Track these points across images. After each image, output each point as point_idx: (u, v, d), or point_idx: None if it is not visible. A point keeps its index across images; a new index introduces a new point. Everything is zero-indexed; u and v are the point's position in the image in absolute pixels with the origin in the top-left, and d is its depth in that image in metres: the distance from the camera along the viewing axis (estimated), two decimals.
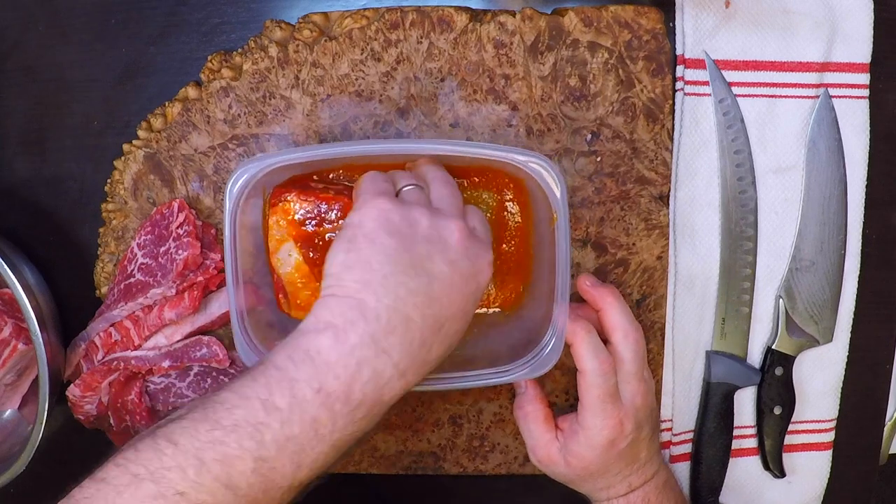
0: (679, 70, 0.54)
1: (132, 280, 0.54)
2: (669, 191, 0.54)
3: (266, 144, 0.53)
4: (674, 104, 0.54)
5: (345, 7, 0.54)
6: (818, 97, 0.55)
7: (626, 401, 0.50)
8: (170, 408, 0.56)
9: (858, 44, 0.54)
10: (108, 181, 0.55)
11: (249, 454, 0.36)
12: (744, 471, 0.60)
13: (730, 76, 0.54)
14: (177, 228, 0.52)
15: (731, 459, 0.59)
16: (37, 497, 0.40)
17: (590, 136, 0.53)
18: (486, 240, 0.45)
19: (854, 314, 0.58)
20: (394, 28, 0.51)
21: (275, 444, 0.37)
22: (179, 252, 0.52)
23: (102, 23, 0.54)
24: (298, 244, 0.49)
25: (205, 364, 0.54)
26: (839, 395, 0.60)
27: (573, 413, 0.52)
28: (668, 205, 0.55)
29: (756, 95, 0.54)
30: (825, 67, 0.54)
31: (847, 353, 0.59)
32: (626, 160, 0.54)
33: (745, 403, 0.59)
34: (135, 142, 0.54)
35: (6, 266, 0.52)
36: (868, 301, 0.59)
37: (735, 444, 0.59)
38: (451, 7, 0.51)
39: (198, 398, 0.40)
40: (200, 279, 0.53)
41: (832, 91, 0.55)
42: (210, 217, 0.55)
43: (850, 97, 0.55)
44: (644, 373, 0.52)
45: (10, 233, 0.56)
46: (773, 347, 0.57)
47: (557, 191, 0.47)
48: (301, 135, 0.53)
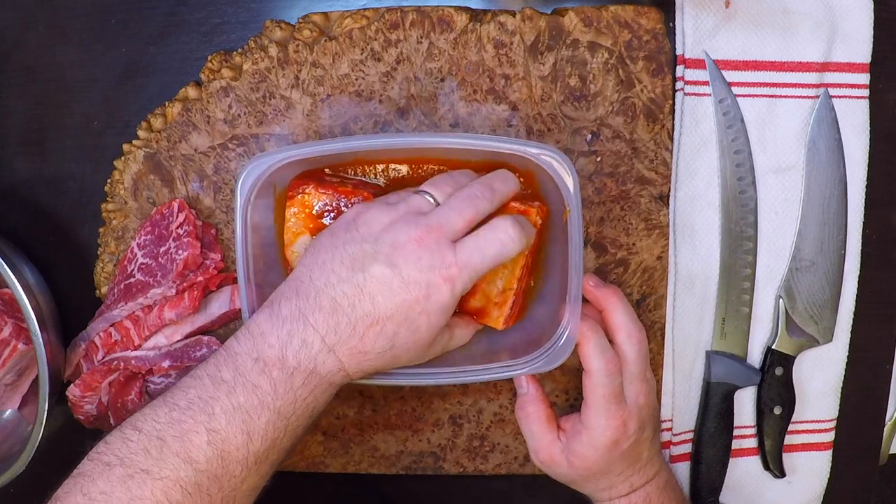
0: (679, 70, 0.54)
1: (132, 280, 0.54)
2: (669, 191, 0.54)
3: (266, 144, 0.53)
4: (674, 104, 0.54)
5: (345, 7, 0.54)
6: (818, 97, 0.55)
7: (630, 401, 0.50)
8: None
9: (858, 44, 0.54)
10: (108, 181, 0.55)
11: (202, 426, 0.40)
12: (744, 471, 0.60)
13: (730, 76, 0.54)
14: (177, 228, 0.52)
15: (731, 459, 0.59)
16: (37, 497, 0.41)
17: (590, 136, 0.53)
18: (471, 257, 0.42)
19: (854, 314, 0.58)
20: (394, 28, 0.51)
21: (224, 415, 0.40)
22: (179, 252, 0.52)
23: (102, 23, 0.54)
24: (315, 237, 0.49)
25: None
26: (839, 395, 0.60)
27: (576, 413, 0.52)
28: (668, 205, 0.55)
29: (756, 95, 0.54)
30: (825, 67, 0.54)
31: (847, 353, 0.59)
32: (626, 160, 0.54)
33: (745, 403, 0.59)
34: (135, 142, 0.54)
35: (6, 266, 0.52)
36: (868, 301, 0.59)
37: (735, 444, 0.59)
38: (451, 7, 0.51)
39: (127, 403, 0.43)
40: (200, 279, 0.53)
41: (832, 91, 0.55)
42: (210, 217, 0.55)
43: (850, 97, 0.55)
44: (647, 373, 0.52)
45: (10, 233, 0.56)
46: (773, 347, 0.57)
47: (570, 183, 0.47)
48: (301, 135, 0.53)
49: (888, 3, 0.55)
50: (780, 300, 0.57)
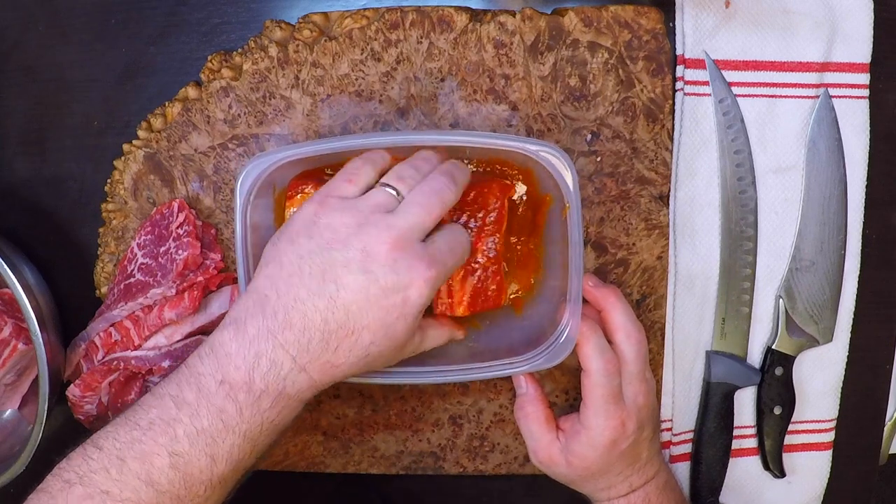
0: (679, 70, 0.54)
1: (132, 280, 0.54)
2: (669, 191, 0.54)
3: (266, 144, 0.53)
4: (674, 104, 0.54)
5: (345, 7, 0.54)
6: (818, 97, 0.55)
7: (629, 401, 0.50)
8: None
9: (858, 44, 0.54)
10: (108, 181, 0.55)
11: (164, 449, 0.39)
12: (744, 471, 0.60)
13: (730, 76, 0.54)
14: (177, 228, 0.52)
15: (731, 459, 0.59)
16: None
17: (590, 136, 0.53)
18: (443, 256, 0.42)
19: (854, 314, 0.58)
20: (394, 28, 0.51)
21: (187, 438, 0.39)
22: (179, 252, 0.52)
23: (102, 23, 0.54)
24: (271, 241, 0.49)
25: None
26: (839, 395, 0.60)
27: (574, 413, 0.52)
28: (668, 205, 0.55)
29: (756, 95, 0.54)
30: (825, 67, 0.54)
31: (847, 353, 0.59)
32: (626, 160, 0.54)
33: (745, 403, 0.59)
34: (135, 142, 0.54)
35: (6, 266, 0.52)
36: (868, 301, 0.59)
37: (735, 444, 0.59)
38: (451, 7, 0.51)
39: (127, 405, 0.42)
40: (200, 279, 0.53)
41: (832, 91, 0.55)
42: (210, 217, 0.55)
43: (850, 97, 0.55)
44: (646, 373, 0.52)
45: (10, 233, 0.56)
46: (773, 347, 0.57)
47: (569, 180, 0.47)
48: (301, 135, 0.53)
49: (888, 3, 0.55)
50: (780, 300, 0.57)
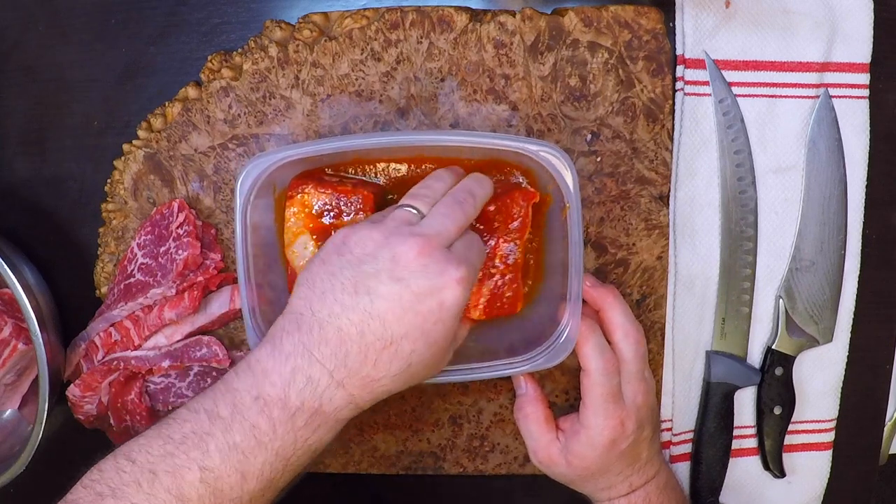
0: (679, 70, 0.54)
1: (132, 280, 0.54)
2: (669, 191, 0.54)
3: (266, 144, 0.53)
4: (674, 104, 0.54)
5: (345, 7, 0.54)
6: (818, 97, 0.55)
7: (628, 400, 0.50)
8: (169, 407, 0.56)
9: (858, 44, 0.54)
10: (108, 181, 0.55)
11: (195, 464, 0.38)
12: (744, 471, 0.60)
13: (730, 76, 0.54)
14: (177, 228, 0.52)
15: (731, 459, 0.59)
16: (37, 497, 0.41)
17: (590, 136, 0.53)
18: (470, 258, 0.43)
19: (854, 314, 0.58)
20: (394, 28, 0.51)
21: (218, 453, 0.39)
22: (179, 252, 0.52)
23: (102, 23, 0.54)
24: (314, 237, 0.49)
25: (205, 364, 0.54)
26: (839, 395, 0.60)
27: (574, 413, 0.52)
28: (668, 205, 0.55)
29: (756, 95, 0.54)
30: (825, 67, 0.54)
31: (847, 353, 0.59)
32: (626, 160, 0.54)
33: (745, 403, 0.59)
34: (135, 142, 0.54)
35: (6, 266, 0.52)
36: (868, 301, 0.59)
37: (735, 444, 0.59)
38: (451, 7, 0.51)
39: (160, 420, 0.42)
40: (200, 279, 0.53)
41: (832, 91, 0.55)
42: (210, 217, 0.55)
43: (850, 97, 0.55)
44: (645, 372, 0.52)
45: (10, 233, 0.56)
46: (773, 347, 0.57)
47: (569, 180, 0.47)
48: (301, 135, 0.53)
49: (888, 3, 0.55)
50: (780, 300, 0.57)
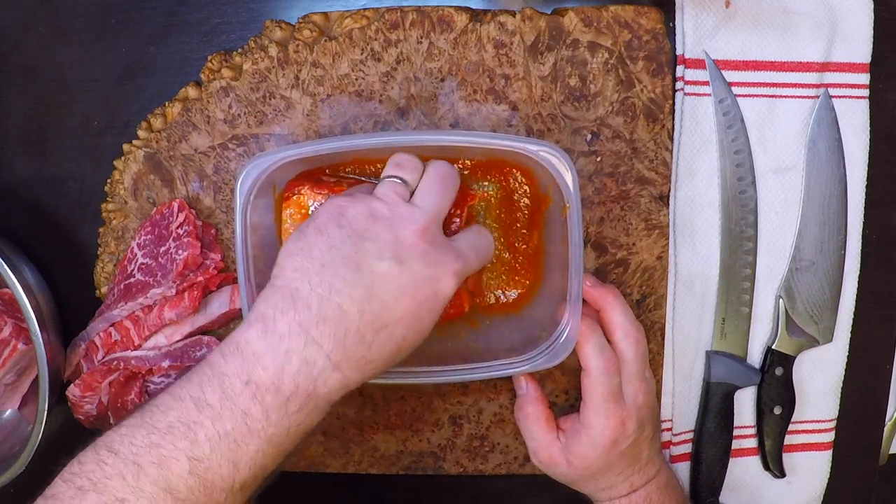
0: (679, 70, 0.54)
1: (132, 280, 0.54)
2: (669, 191, 0.54)
3: (266, 144, 0.53)
4: (674, 104, 0.54)
5: (345, 7, 0.54)
6: (818, 97, 0.55)
7: (629, 400, 0.50)
8: None
9: (858, 44, 0.54)
10: (108, 181, 0.55)
11: (184, 454, 0.36)
12: (744, 471, 0.60)
13: (730, 76, 0.54)
14: (177, 228, 0.52)
15: (731, 459, 0.59)
16: (36, 497, 0.40)
17: (590, 136, 0.53)
18: (468, 253, 0.43)
19: (854, 314, 0.58)
20: (394, 28, 0.51)
21: (208, 443, 0.37)
22: (179, 252, 0.52)
23: (102, 23, 0.54)
24: (295, 234, 0.49)
25: None
26: (839, 395, 0.60)
27: (575, 413, 0.52)
28: (668, 205, 0.55)
29: (756, 95, 0.54)
30: (825, 67, 0.54)
31: (847, 353, 0.59)
32: (626, 160, 0.54)
33: (745, 403, 0.59)
34: (135, 142, 0.54)
35: (6, 266, 0.52)
36: (868, 301, 0.59)
37: (735, 444, 0.59)
38: (451, 7, 0.51)
39: (140, 405, 0.40)
40: (200, 279, 0.53)
41: (832, 91, 0.55)
42: (210, 217, 0.55)
43: (850, 97, 0.55)
44: (645, 372, 0.52)
45: (10, 233, 0.56)
46: (773, 347, 0.57)
47: (569, 180, 0.47)
48: (301, 135, 0.53)
49: (888, 3, 0.55)
50: (780, 300, 0.57)
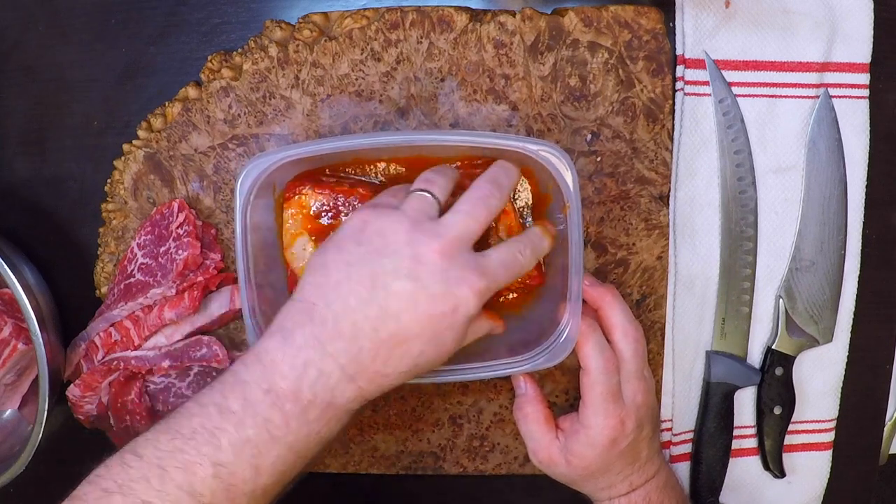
0: (679, 70, 0.54)
1: (132, 280, 0.54)
2: (669, 191, 0.54)
3: (266, 144, 0.53)
4: (674, 104, 0.54)
5: (345, 7, 0.54)
6: (818, 97, 0.55)
7: (628, 399, 0.50)
8: (169, 408, 0.56)
9: (858, 44, 0.54)
10: (108, 181, 0.55)
11: (208, 459, 0.38)
12: (744, 471, 0.60)
13: (730, 76, 0.54)
14: (177, 228, 0.52)
15: (731, 459, 0.59)
16: (37, 497, 0.41)
17: (590, 136, 0.53)
18: (495, 269, 0.42)
19: (854, 314, 0.58)
20: (394, 28, 0.51)
21: (231, 448, 0.38)
22: (179, 252, 0.52)
23: (102, 23, 0.54)
24: (313, 238, 0.49)
25: (205, 364, 0.54)
26: (839, 395, 0.60)
27: (574, 413, 0.52)
28: (668, 205, 0.55)
29: (756, 95, 0.54)
30: (825, 67, 0.54)
31: (847, 353, 0.59)
32: (626, 160, 0.54)
33: (745, 403, 0.59)
34: (135, 142, 0.54)
35: (6, 266, 0.52)
36: (868, 301, 0.59)
37: (735, 444, 0.59)
38: (451, 7, 0.51)
39: (160, 418, 0.41)
40: (200, 279, 0.53)
41: (832, 91, 0.55)
42: (210, 217, 0.55)
43: (850, 97, 0.55)
44: (644, 371, 0.52)
45: (10, 233, 0.56)
46: (773, 347, 0.57)
47: (569, 179, 0.47)
48: (301, 135, 0.53)
49: (888, 3, 0.55)
50: (780, 300, 0.57)
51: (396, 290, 0.40)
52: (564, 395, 0.57)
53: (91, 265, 0.57)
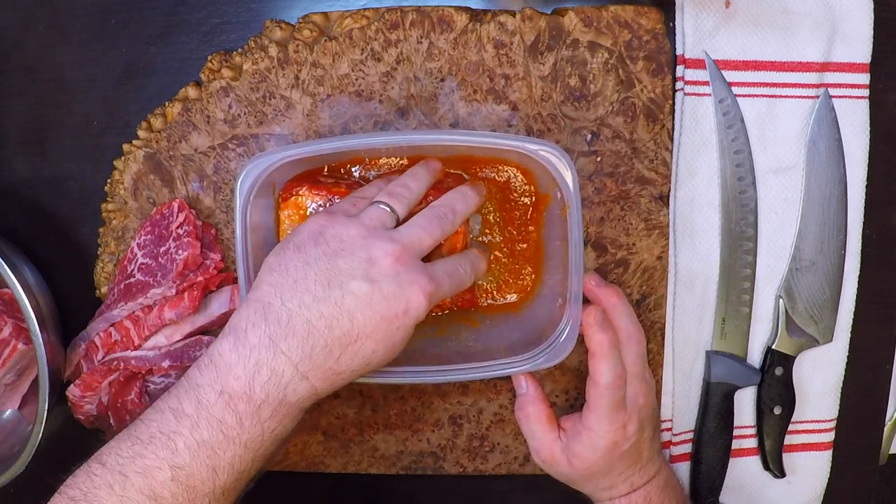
0: (679, 70, 0.54)
1: (132, 280, 0.54)
2: (669, 191, 0.54)
3: (266, 144, 0.53)
4: (674, 104, 0.54)
5: (345, 7, 0.54)
6: (818, 97, 0.55)
7: (629, 402, 0.50)
8: None
9: (858, 44, 0.54)
10: (108, 181, 0.55)
11: (165, 463, 0.39)
12: (744, 471, 0.60)
13: (730, 76, 0.54)
14: (177, 228, 0.52)
15: (731, 459, 0.59)
16: (37, 497, 0.41)
17: (590, 136, 0.53)
18: (441, 277, 0.44)
19: (854, 314, 0.58)
20: (394, 28, 0.51)
21: (187, 451, 0.39)
22: (179, 252, 0.52)
23: (102, 23, 0.54)
24: (276, 250, 0.49)
25: None
26: (839, 395, 0.60)
27: (576, 413, 0.52)
28: (668, 205, 0.55)
29: (756, 95, 0.54)
30: (825, 67, 0.54)
31: (847, 353, 0.59)
32: (626, 160, 0.54)
33: (745, 403, 0.59)
34: (135, 142, 0.54)
35: (6, 266, 0.52)
36: (868, 301, 0.59)
37: (735, 444, 0.59)
38: (451, 7, 0.51)
39: (127, 405, 0.42)
40: (200, 279, 0.53)
41: (832, 91, 0.55)
42: (210, 217, 0.55)
43: (850, 97, 0.55)
44: (646, 373, 0.52)
45: (10, 233, 0.56)
46: (773, 347, 0.57)
47: (569, 179, 0.47)
48: (301, 135, 0.53)
49: (888, 3, 0.55)
50: (780, 300, 0.57)
51: (353, 290, 0.41)
52: (564, 395, 0.57)
53: (91, 265, 0.57)
